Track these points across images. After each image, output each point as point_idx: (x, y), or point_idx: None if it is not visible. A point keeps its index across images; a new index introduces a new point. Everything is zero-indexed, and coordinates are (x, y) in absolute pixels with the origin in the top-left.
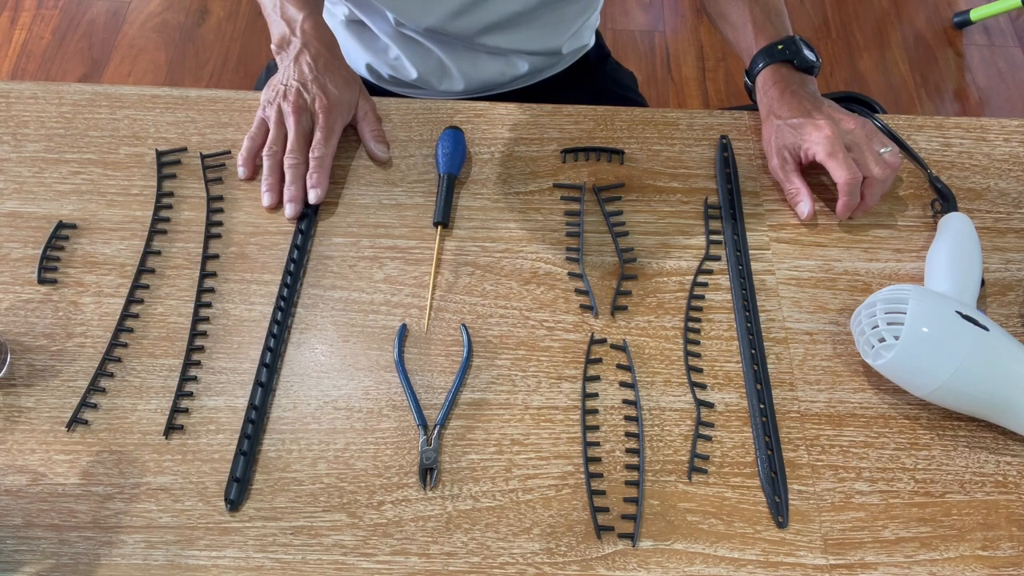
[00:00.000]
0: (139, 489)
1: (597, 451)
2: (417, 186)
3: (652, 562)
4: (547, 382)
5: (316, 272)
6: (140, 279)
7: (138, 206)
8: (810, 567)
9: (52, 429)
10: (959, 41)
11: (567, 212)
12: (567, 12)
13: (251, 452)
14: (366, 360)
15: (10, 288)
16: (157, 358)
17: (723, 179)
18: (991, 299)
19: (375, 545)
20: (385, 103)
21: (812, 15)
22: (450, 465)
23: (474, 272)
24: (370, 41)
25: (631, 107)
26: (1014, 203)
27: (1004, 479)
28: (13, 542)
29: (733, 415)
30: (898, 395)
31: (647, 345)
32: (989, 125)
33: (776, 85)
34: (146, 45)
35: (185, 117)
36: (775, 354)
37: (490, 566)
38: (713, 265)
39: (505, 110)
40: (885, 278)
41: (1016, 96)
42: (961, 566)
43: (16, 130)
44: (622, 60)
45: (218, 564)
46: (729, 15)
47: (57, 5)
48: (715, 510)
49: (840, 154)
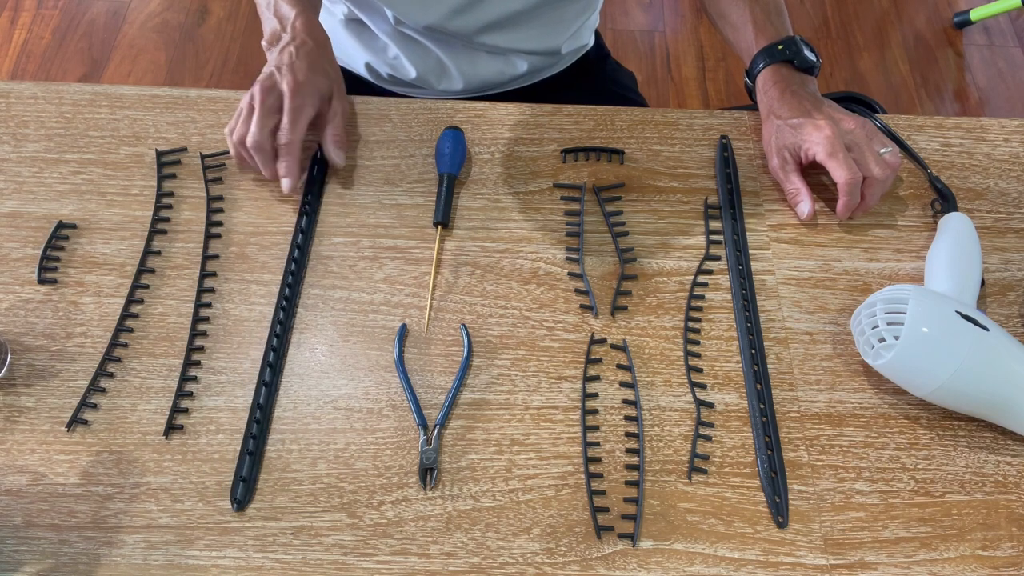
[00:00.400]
0: (139, 489)
1: (597, 451)
2: (417, 186)
3: (652, 562)
4: (547, 382)
5: (316, 272)
6: (140, 279)
7: (138, 206)
8: (810, 567)
9: (52, 429)
10: (959, 41)
11: (567, 212)
12: (567, 12)
13: (257, 452)
14: (366, 360)
15: (10, 288)
16: (157, 358)
17: (723, 179)
18: (991, 299)
19: (375, 545)
20: (385, 103)
21: (812, 15)
22: (450, 465)
23: (474, 272)
24: (369, 40)
25: (631, 107)
26: (1014, 203)
27: (1004, 479)
28: (13, 542)
29: (733, 415)
30: (898, 395)
31: (647, 345)
32: (989, 125)
33: (776, 85)
34: (146, 45)
35: (185, 117)
36: (775, 354)
37: (490, 566)
38: (713, 265)
39: (505, 110)
40: (885, 278)
41: (1016, 96)
42: (961, 566)
43: (16, 130)
44: (622, 60)
45: (218, 564)
46: (729, 15)
47: (57, 5)
48: (715, 510)
49: (840, 154)
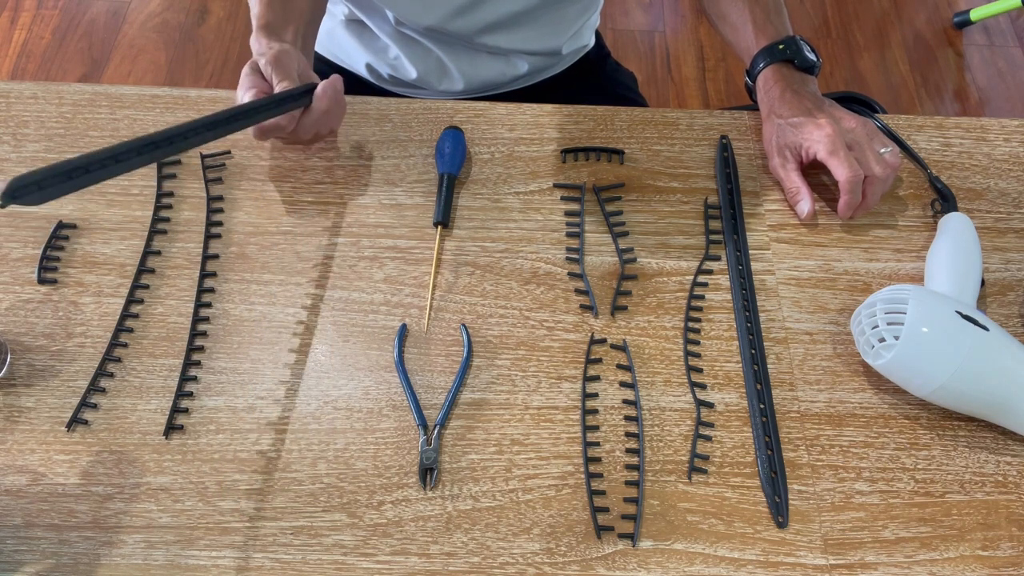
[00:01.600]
0: (139, 489)
1: (597, 451)
2: (417, 186)
3: (652, 562)
4: (547, 382)
5: (316, 272)
6: (140, 279)
7: (138, 206)
8: (810, 567)
9: (52, 429)
10: (959, 41)
11: (567, 212)
12: (567, 12)
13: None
14: (366, 360)
15: (10, 288)
16: (157, 358)
17: (723, 179)
18: (991, 299)
19: (375, 545)
20: (385, 103)
21: (812, 15)
22: (450, 465)
23: (474, 272)
24: (370, 41)
25: (631, 107)
26: (1014, 203)
27: (1004, 479)
28: (13, 542)
29: (733, 415)
30: (898, 395)
31: (647, 345)
32: (989, 125)
33: (777, 85)
34: (146, 45)
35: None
36: (775, 354)
37: (490, 566)
38: (713, 265)
39: (505, 110)
40: (885, 278)
41: (1016, 96)
42: (961, 566)
43: (16, 130)
44: (622, 60)
45: (218, 564)
46: (729, 15)
47: (57, 5)
48: (715, 510)
49: (841, 152)
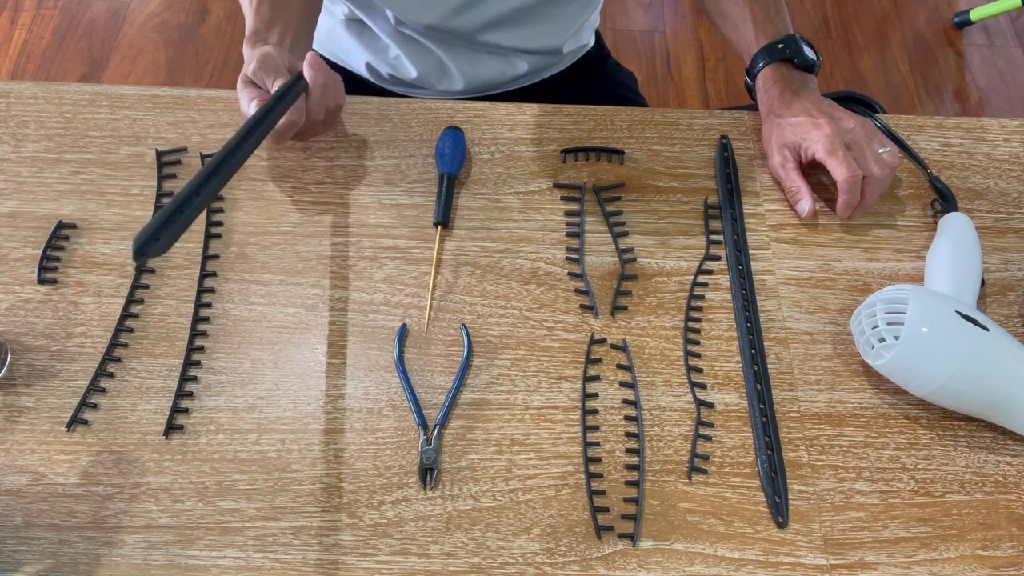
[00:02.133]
0: (139, 489)
1: (597, 451)
2: (417, 186)
3: (652, 562)
4: (547, 382)
5: (316, 272)
6: (140, 279)
7: (138, 206)
8: (810, 567)
9: (52, 429)
10: (959, 41)
11: (567, 212)
12: (567, 10)
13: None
14: (366, 360)
15: (10, 288)
16: (157, 358)
17: (723, 179)
18: (991, 299)
19: (375, 545)
20: (385, 103)
21: (812, 15)
22: (450, 465)
23: (474, 272)
24: (370, 40)
25: (631, 107)
26: (1014, 203)
27: (1004, 479)
28: (13, 542)
29: (733, 415)
30: (898, 395)
31: (647, 345)
32: (989, 125)
33: (776, 84)
34: (146, 45)
35: (185, 117)
36: (775, 354)
37: (490, 566)
38: (713, 265)
39: (505, 110)
40: (885, 278)
41: (1016, 96)
42: (961, 566)
43: (16, 130)
44: (622, 60)
45: (218, 564)
46: (729, 14)
47: (57, 5)
48: (715, 510)
49: (840, 152)
